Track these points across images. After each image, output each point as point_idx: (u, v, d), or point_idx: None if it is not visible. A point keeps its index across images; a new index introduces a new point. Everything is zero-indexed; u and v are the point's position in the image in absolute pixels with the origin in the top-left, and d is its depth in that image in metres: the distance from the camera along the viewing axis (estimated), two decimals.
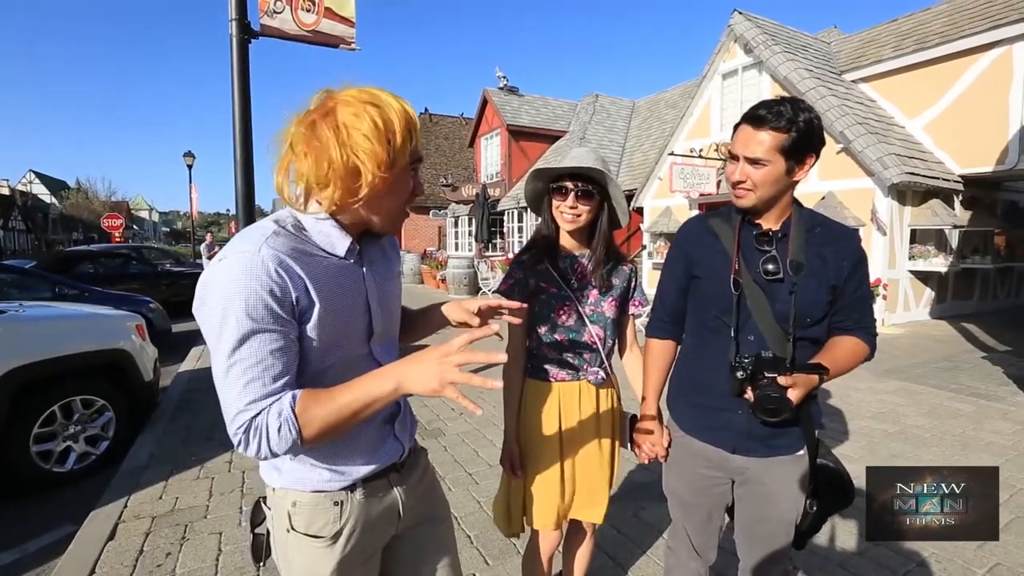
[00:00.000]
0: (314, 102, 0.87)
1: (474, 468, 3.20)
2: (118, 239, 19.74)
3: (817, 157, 1.26)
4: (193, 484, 3.01)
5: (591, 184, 1.49)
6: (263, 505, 1.03)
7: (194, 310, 0.83)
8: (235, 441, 0.81)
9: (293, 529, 0.95)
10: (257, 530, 1.05)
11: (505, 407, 1.59)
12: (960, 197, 8.54)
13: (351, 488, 0.97)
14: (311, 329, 0.87)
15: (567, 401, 1.56)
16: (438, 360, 0.80)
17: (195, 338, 7.14)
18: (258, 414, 0.80)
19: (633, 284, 1.65)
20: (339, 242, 0.92)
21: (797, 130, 1.19)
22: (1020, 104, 7.49)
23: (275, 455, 0.82)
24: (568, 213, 1.49)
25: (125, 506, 2.75)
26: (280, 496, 0.97)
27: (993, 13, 7.93)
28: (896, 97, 9.01)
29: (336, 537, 0.95)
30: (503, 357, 0.82)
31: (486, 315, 1.13)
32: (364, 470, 0.98)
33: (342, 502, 0.96)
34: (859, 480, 1.32)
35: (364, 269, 0.98)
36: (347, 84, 0.88)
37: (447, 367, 0.80)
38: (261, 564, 1.05)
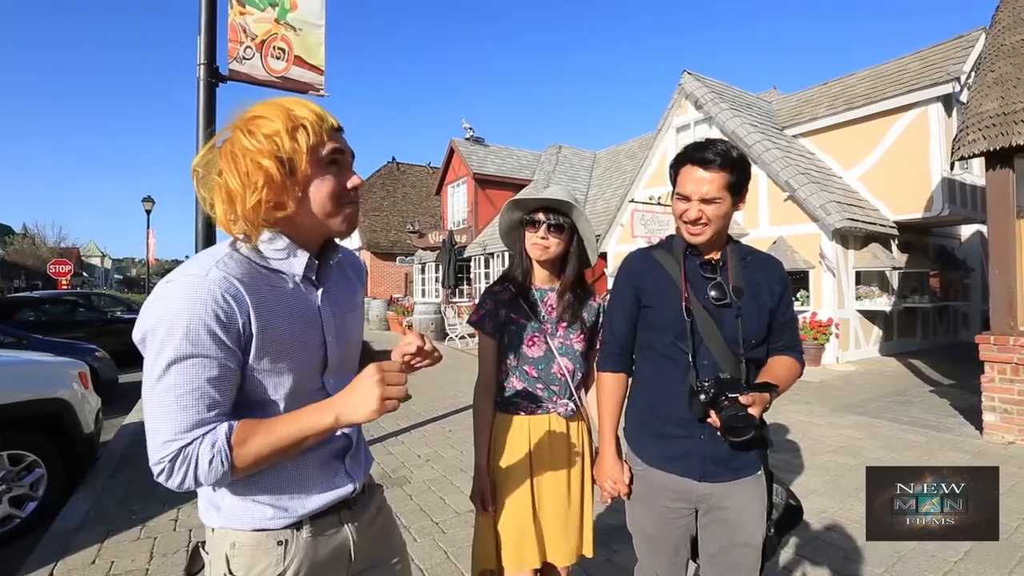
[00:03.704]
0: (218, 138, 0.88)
1: (440, 517, 3.06)
2: (64, 286, 18.71)
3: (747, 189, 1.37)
4: (132, 546, 2.75)
5: (562, 218, 1.56)
6: (201, 551, 0.95)
7: (134, 332, 0.80)
8: (156, 470, 0.77)
9: (231, 574, 0.87)
10: None
11: (476, 440, 1.56)
12: (896, 241, 9.19)
13: (296, 526, 0.91)
14: (256, 358, 0.83)
15: (537, 434, 1.54)
16: (375, 383, 0.79)
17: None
18: (189, 443, 0.76)
19: (601, 319, 1.68)
20: (296, 258, 0.90)
21: (737, 167, 1.30)
22: (939, 159, 8.27)
23: (199, 486, 0.78)
24: (539, 243, 1.55)
25: (51, 574, 2.48)
26: (219, 537, 0.90)
27: (908, 79, 8.88)
28: (832, 150, 9.81)
29: None
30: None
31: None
32: (311, 506, 0.92)
33: (286, 541, 0.89)
34: (823, 515, 1.34)
35: (321, 299, 0.94)
36: (240, 105, 0.88)
37: (383, 387, 0.79)
38: None
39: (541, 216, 1.55)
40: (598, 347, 1.68)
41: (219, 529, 0.90)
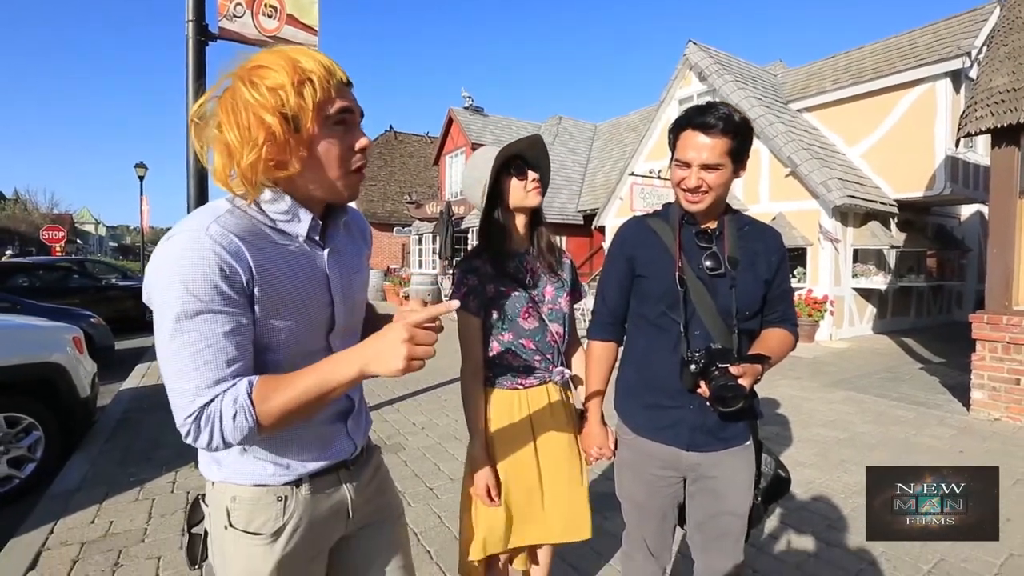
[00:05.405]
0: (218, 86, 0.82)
1: (435, 482, 3.12)
2: (58, 252, 18.59)
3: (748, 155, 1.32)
4: (130, 507, 2.80)
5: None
6: (201, 503, 0.96)
7: (143, 292, 0.78)
8: (183, 431, 0.75)
9: (231, 526, 0.88)
10: (194, 529, 0.98)
11: (470, 428, 1.48)
12: (896, 220, 9.14)
13: (296, 483, 0.92)
14: (260, 317, 0.82)
15: (537, 407, 1.50)
16: (401, 341, 0.74)
17: (140, 355, 6.75)
18: (211, 401, 0.74)
19: (574, 275, 1.65)
20: (302, 216, 0.86)
21: (740, 132, 1.24)
22: (944, 136, 8.16)
23: (228, 445, 0.76)
24: (536, 187, 1.47)
25: (51, 532, 2.52)
26: (219, 491, 0.90)
27: (917, 53, 8.67)
28: (837, 126, 9.65)
29: (277, 534, 0.89)
30: (455, 303, 0.83)
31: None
32: (311, 466, 0.93)
33: (286, 497, 0.90)
34: (810, 486, 1.35)
35: (328, 259, 0.91)
36: (242, 52, 0.83)
37: (411, 346, 0.74)
38: (197, 567, 0.98)
39: (522, 162, 1.47)
40: (575, 307, 1.65)
41: (219, 483, 0.91)
